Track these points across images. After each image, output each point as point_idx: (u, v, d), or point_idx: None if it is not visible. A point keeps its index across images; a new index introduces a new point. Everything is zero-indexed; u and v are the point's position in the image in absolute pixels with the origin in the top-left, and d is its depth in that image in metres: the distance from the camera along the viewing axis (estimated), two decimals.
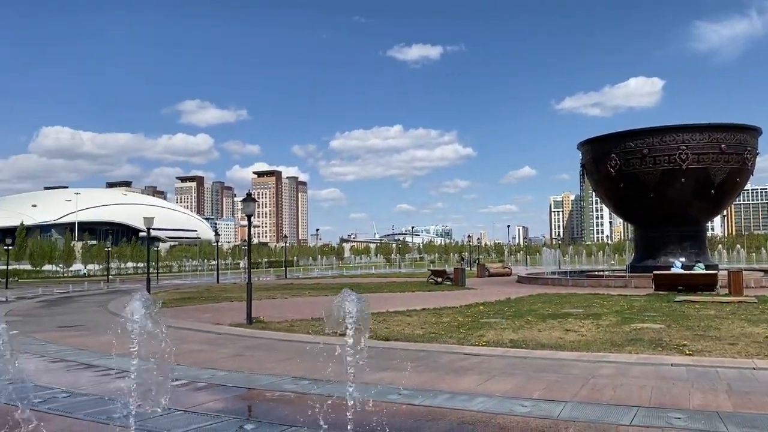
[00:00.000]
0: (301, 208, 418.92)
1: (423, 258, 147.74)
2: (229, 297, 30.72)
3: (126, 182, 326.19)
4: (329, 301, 23.06)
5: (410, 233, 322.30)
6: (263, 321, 18.97)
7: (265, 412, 8.25)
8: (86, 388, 9.93)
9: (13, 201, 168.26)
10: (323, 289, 35.73)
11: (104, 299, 32.79)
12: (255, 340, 15.38)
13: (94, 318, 22.33)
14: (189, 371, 11.22)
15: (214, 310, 23.85)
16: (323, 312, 4.66)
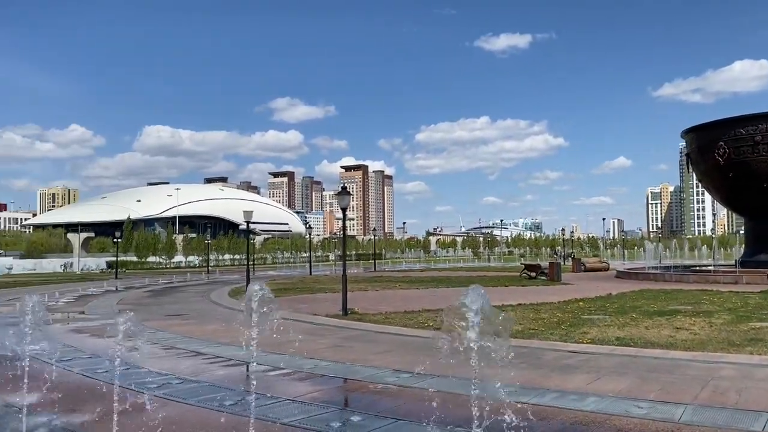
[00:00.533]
0: (387, 202, 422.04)
1: (512, 252, 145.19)
2: (322, 288, 31.34)
3: (222, 178, 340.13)
4: (423, 294, 23.15)
5: (498, 226, 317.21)
6: (358, 312, 19.14)
7: (369, 404, 8.23)
8: (197, 375, 10.32)
9: (120, 196, 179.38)
10: (413, 282, 35.75)
11: (206, 289, 34.28)
12: (352, 331, 15.53)
13: (199, 307, 23.34)
14: (293, 360, 11.44)
15: (309, 301, 24.36)
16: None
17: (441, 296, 25.64)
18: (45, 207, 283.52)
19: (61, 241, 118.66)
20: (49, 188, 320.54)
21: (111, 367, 11.09)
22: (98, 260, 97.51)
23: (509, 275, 41.60)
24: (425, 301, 23.23)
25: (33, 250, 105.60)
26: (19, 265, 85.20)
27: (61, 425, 7.25)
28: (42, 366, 10.88)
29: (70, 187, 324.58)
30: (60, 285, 42.57)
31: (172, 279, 48.48)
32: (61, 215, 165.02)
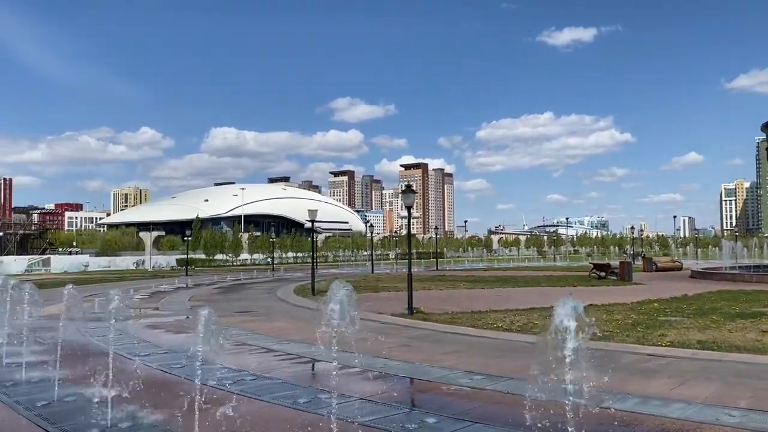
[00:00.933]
0: (447, 200, 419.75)
1: (577, 251, 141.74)
2: (386, 287, 31.37)
3: (285, 178, 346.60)
4: (488, 294, 22.72)
5: (562, 225, 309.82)
6: (424, 312, 19.02)
7: (443, 405, 8.09)
8: (269, 372, 10.44)
9: (188, 196, 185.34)
10: (477, 282, 35.32)
11: (272, 287, 34.91)
12: (419, 330, 15.42)
13: (266, 304, 23.75)
14: (362, 359, 11.42)
15: (374, 300, 24.39)
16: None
17: (507, 296, 25.22)
18: (118, 207, 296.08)
19: (133, 239, 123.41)
20: (121, 189, 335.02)
21: (187, 363, 11.38)
22: (168, 258, 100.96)
23: (577, 275, 40.54)
24: (491, 301, 22.88)
25: (107, 248, 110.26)
26: (94, 262, 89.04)
27: (142, 419, 7.44)
28: (122, 361, 11.29)
29: (142, 187, 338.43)
30: (134, 282, 44.23)
31: (239, 276, 49.63)
32: (133, 215, 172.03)
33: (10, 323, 14.37)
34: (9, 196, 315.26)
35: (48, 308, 15.59)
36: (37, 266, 79.11)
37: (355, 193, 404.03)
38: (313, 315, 19.10)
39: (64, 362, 9.85)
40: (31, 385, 9.48)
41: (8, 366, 11.03)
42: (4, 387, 9.31)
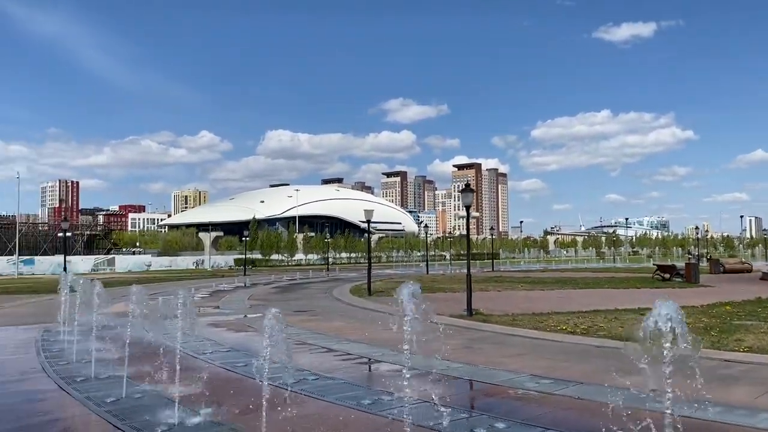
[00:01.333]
0: (501, 200, 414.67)
1: (637, 252, 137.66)
2: (441, 288, 31.06)
3: (338, 179, 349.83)
4: (548, 295, 22.09)
5: (621, 225, 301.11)
6: (483, 313, 18.68)
7: (512, 410, 7.83)
8: (331, 372, 10.37)
9: (245, 198, 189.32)
10: (535, 283, 34.59)
11: (328, 286, 35.10)
12: (479, 332, 15.12)
13: (323, 304, 23.84)
14: (423, 361, 11.24)
15: (430, 300, 24.01)
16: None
17: (568, 298, 24.56)
18: (178, 208, 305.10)
19: (193, 239, 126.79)
20: (182, 191, 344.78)
21: (249, 361, 11.45)
22: (227, 258, 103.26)
23: (639, 276, 39.19)
24: (552, 303, 22.31)
25: (168, 248, 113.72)
26: (156, 262, 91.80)
27: (208, 418, 7.45)
28: (187, 359, 11.44)
29: (201, 189, 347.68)
30: (194, 281, 45.33)
31: (294, 276, 50.24)
32: (192, 216, 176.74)
33: (81, 320, 14.84)
34: (76, 199, 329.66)
35: (116, 306, 16.06)
36: (102, 266, 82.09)
37: (407, 194, 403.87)
38: (368, 315, 19.13)
39: (132, 359, 10.04)
40: (101, 381, 9.69)
41: (79, 362, 11.33)
42: (75, 382, 9.55)
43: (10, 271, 68.92)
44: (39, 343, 14.04)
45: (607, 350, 12.23)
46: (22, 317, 20.23)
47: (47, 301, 27.06)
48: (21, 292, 34.32)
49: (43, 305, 24.92)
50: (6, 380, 10.20)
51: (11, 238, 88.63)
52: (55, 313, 20.50)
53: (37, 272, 71.55)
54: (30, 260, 75.72)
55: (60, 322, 16.20)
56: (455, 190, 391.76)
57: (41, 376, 10.39)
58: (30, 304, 25.71)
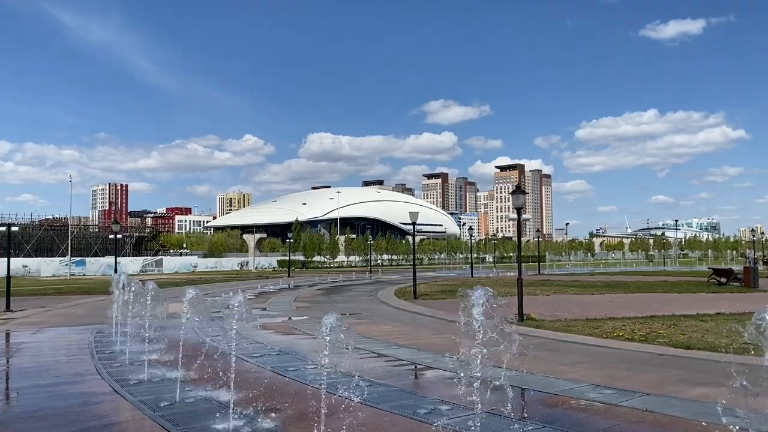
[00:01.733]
0: (545, 202, 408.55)
1: (686, 255, 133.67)
2: None
3: (379, 181, 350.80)
4: (600, 300, 21.22)
5: (669, 227, 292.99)
6: (534, 318, 18.18)
7: (577, 422, 7.43)
8: (383, 378, 10.12)
9: (288, 200, 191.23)
10: (585, 287, 33.70)
11: (372, 289, 34.96)
12: (533, 338, 14.63)
13: (369, 307, 23.65)
14: (478, 368, 10.90)
15: None
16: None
17: (622, 303, 23.78)
18: (223, 210, 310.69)
19: (237, 241, 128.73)
20: (226, 193, 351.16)
21: (300, 366, 11.30)
22: (270, 259, 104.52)
23: (693, 281, 37.85)
24: (605, 308, 21.62)
25: (214, 249, 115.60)
26: (202, 263, 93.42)
27: (261, 424, 7.28)
28: (239, 362, 11.37)
29: (245, 191, 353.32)
30: (240, 282, 45.81)
31: (338, 278, 50.28)
32: (237, 218, 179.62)
33: (133, 321, 14.97)
34: (125, 201, 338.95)
35: (168, 307, 16.08)
36: (150, 267, 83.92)
37: (448, 196, 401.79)
38: (416, 319, 18.81)
39: (185, 362, 10.00)
40: (154, 384, 9.65)
41: (132, 364, 11.37)
42: (128, 385, 9.54)
43: (62, 272, 71.03)
44: (92, 344, 14.21)
45: (668, 359, 11.67)
46: (76, 318, 20.64)
47: (99, 302, 27.65)
48: (74, 292, 35.20)
49: (95, 306, 25.44)
50: (61, 382, 10.27)
51: (64, 239, 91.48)
52: (108, 314, 20.91)
53: (88, 273, 73.58)
54: (81, 261, 77.94)
55: (113, 324, 16.43)
56: (497, 191, 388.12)
57: (95, 378, 10.43)
58: (83, 304, 26.28)
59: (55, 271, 71.30)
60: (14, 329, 17.62)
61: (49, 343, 14.92)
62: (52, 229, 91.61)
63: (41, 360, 12.58)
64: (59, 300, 28.69)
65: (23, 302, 25.56)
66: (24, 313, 22.16)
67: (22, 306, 24.32)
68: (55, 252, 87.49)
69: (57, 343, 15.07)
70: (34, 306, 24.92)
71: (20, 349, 13.87)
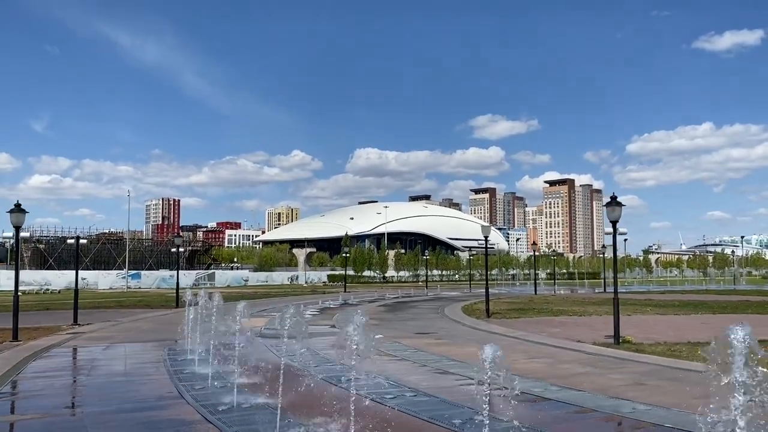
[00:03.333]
0: (596, 217, 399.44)
1: (750, 273, 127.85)
2: (561, 310, 28.95)
3: (425, 196, 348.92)
4: (688, 321, 19.09)
5: (725, 243, 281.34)
6: (630, 341, 16.70)
7: None
8: (501, 414, 8.98)
9: (335, 215, 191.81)
10: (662, 306, 31.73)
11: (435, 305, 33.83)
12: (642, 365, 13.23)
13: (443, 325, 22.50)
14: (595, 400, 9.70)
15: (557, 325, 22.26)
16: None
17: (714, 324, 21.97)
18: (272, 225, 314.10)
19: (286, 255, 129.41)
20: (275, 208, 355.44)
21: (400, 393, 10.26)
22: (320, 274, 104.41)
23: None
24: (698, 329, 20.01)
25: (264, 263, 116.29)
26: (253, 277, 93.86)
27: None
28: (329, 387, 10.44)
29: (293, 206, 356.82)
30: (296, 297, 45.27)
31: (396, 293, 49.24)
32: (285, 232, 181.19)
33: (205, 338, 14.21)
34: (177, 216, 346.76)
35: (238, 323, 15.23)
36: (203, 280, 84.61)
37: (496, 211, 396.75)
38: (499, 341, 17.36)
39: (271, 385, 9.10)
40: (245, 411, 8.76)
41: (215, 386, 10.55)
42: (218, 412, 8.67)
43: (118, 285, 72.14)
44: (167, 362, 13.50)
45: None
46: (143, 333, 20.16)
47: (162, 316, 27.33)
48: (135, 306, 35.16)
49: (160, 320, 25.06)
50: (146, 407, 9.50)
51: (119, 253, 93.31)
52: (176, 329, 20.33)
53: (143, 286, 74.55)
54: (137, 274, 79.09)
55: (185, 340, 15.76)
56: (546, 206, 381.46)
57: (180, 402, 9.62)
58: (147, 319, 25.94)
59: (111, 284, 72.48)
60: (85, 344, 17.17)
61: (123, 361, 14.31)
62: (108, 243, 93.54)
63: (118, 379, 11.90)
64: (122, 314, 28.50)
65: (88, 315, 25.36)
66: (91, 327, 21.83)
67: (88, 320, 24.08)
68: (112, 265, 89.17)
69: (130, 360, 14.44)
70: (99, 320, 24.67)
71: (95, 366, 13.28)
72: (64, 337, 18.70)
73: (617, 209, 16.27)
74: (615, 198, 16.36)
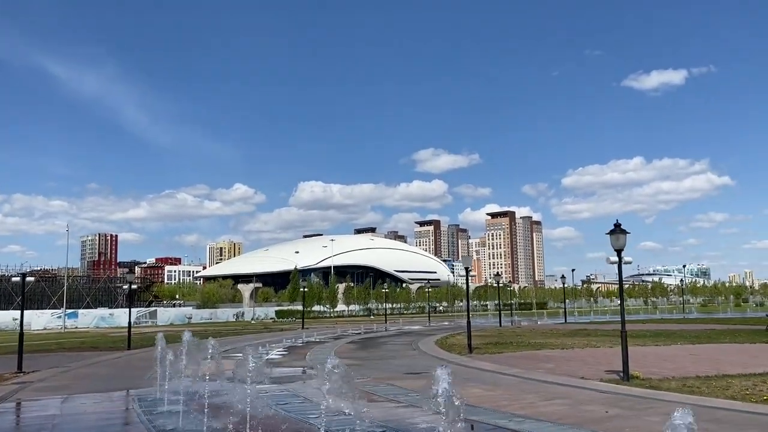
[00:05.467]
0: (536, 249, 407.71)
1: (688, 301, 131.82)
2: (539, 343, 28.07)
3: (371, 228, 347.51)
4: (675, 352, 18.23)
5: (659, 273, 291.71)
6: (639, 377, 15.85)
7: None
8: None
9: (280, 248, 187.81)
10: (637, 337, 31.28)
11: (406, 341, 32.52)
12: (670, 404, 12.20)
13: (426, 363, 21.11)
14: None
15: (546, 359, 21.30)
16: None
17: (704, 356, 21.60)
18: (213, 260, 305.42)
19: (229, 291, 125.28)
20: (216, 243, 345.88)
21: None
22: (267, 309, 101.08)
23: (745, 329, 35.67)
24: (690, 362, 19.55)
25: (207, 300, 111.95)
26: (197, 314, 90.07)
27: None
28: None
29: (235, 241, 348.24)
30: (252, 335, 42.98)
31: (358, 329, 47.50)
32: (228, 267, 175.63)
33: (174, 385, 12.48)
34: (114, 252, 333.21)
35: (206, 366, 13.42)
36: (144, 318, 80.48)
37: (441, 243, 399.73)
38: (497, 379, 16.15)
39: None
40: None
41: None
42: None
43: (53, 325, 67.60)
44: (142, 417, 11.67)
45: None
46: (102, 381, 17.98)
47: (117, 359, 24.95)
48: (80, 348, 32.34)
49: (115, 364, 22.78)
50: None
51: (55, 291, 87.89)
52: (137, 374, 18.26)
53: (80, 326, 70.09)
54: (73, 313, 74.44)
55: (152, 387, 13.97)
56: (489, 238, 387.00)
57: None
58: (100, 363, 23.53)
59: (46, 324, 67.84)
60: (37, 396, 14.96)
61: (89, 417, 12.30)
62: (42, 280, 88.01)
63: None
64: (69, 357, 25.89)
65: (31, 361, 22.79)
66: (39, 374, 19.43)
67: (32, 365, 21.57)
68: (46, 304, 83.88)
69: (97, 416, 12.46)
70: (45, 365, 22.16)
71: (56, 426, 11.26)
72: (10, 387, 16.40)
73: (621, 237, 15.56)
74: (619, 225, 15.66)
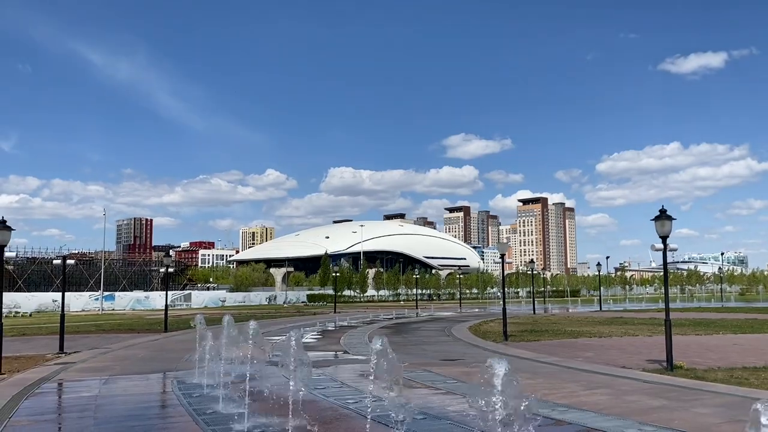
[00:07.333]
0: (568, 236, 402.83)
1: (724, 289, 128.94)
2: (577, 331, 27.63)
3: (400, 214, 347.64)
4: (719, 343, 17.54)
5: (695, 260, 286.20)
6: (683, 367, 15.42)
7: None
8: None
9: (311, 234, 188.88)
10: (677, 326, 30.59)
11: (438, 327, 32.37)
12: (718, 396, 11.89)
13: (464, 350, 20.94)
14: None
15: (584, 348, 20.92)
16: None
17: (749, 346, 20.97)
18: (246, 244, 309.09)
19: (262, 275, 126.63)
20: (249, 227, 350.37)
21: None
22: (298, 293, 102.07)
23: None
24: (735, 352, 19.04)
25: (240, 283, 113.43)
26: (230, 297, 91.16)
27: None
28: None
29: (267, 225, 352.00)
30: (286, 319, 43.25)
31: (390, 314, 47.55)
32: (260, 251, 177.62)
33: (215, 367, 12.48)
34: (149, 236, 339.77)
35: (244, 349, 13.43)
36: (179, 301, 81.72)
37: (470, 229, 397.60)
38: (536, 368, 15.74)
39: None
40: None
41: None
42: None
43: (91, 307, 69.14)
44: (182, 399, 11.74)
45: None
46: (141, 363, 18.23)
47: (154, 341, 25.32)
48: (117, 330, 32.99)
49: (153, 346, 23.11)
50: None
51: (92, 274, 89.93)
52: (174, 356, 18.48)
53: (117, 308, 71.59)
54: (110, 296, 76.03)
55: (192, 369, 14.06)
56: (520, 224, 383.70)
57: None
58: (138, 345, 23.89)
59: (84, 306, 69.45)
60: (79, 377, 15.23)
61: (130, 399, 12.46)
62: (80, 263, 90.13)
63: (134, 425, 10.03)
64: (107, 339, 26.37)
65: (71, 342, 23.26)
66: (80, 356, 19.81)
67: (73, 346, 22.02)
68: (84, 286, 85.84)
69: (138, 397, 12.63)
70: (85, 346, 22.61)
71: (99, 406, 11.41)
72: (53, 368, 16.73)
73: (667, 223, 15.09)
74: (664, 211, 15.18)
